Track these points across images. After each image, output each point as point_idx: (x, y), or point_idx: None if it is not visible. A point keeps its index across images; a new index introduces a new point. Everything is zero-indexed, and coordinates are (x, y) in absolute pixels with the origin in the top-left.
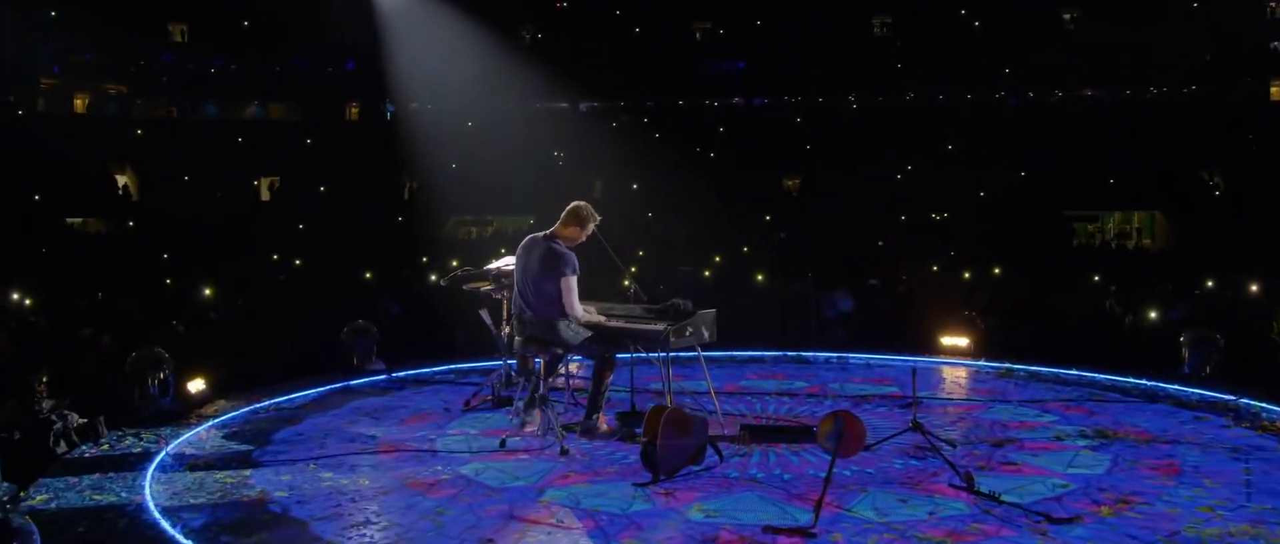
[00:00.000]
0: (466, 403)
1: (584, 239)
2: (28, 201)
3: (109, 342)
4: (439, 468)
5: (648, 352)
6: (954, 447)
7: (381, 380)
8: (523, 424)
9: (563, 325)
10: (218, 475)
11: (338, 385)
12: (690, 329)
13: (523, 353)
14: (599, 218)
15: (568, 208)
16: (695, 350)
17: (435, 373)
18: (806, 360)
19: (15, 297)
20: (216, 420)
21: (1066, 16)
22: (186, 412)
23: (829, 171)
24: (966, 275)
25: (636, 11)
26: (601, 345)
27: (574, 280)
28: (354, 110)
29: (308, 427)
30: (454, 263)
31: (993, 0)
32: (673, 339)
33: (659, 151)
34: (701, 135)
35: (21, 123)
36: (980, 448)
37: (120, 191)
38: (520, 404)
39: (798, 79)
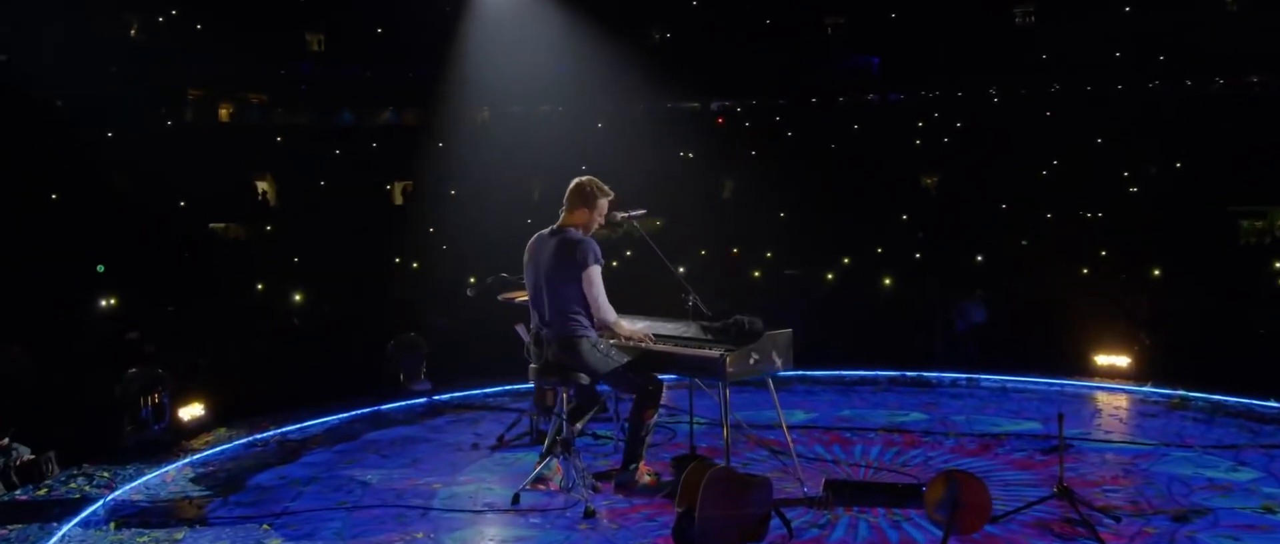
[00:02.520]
0: (500, 438)
1: (601, 223)
2: (174, 208)
3: (152, 351)
4: (420, 535)
5: (698, 380)
6: (1118, 521)
7: (421, 403)
8: (538, 479)
9: (587, 346)
10: (144, 538)
11: (367, 410)
12: (755, 355)
13: (540, 384)
14: (611, 193)
15: (569, 187)
16: (764, 380)
17: (487, 396)
18: (929, 383)
19: (104, 303)
20: (197, 456)
21: None
22: (174, 442)
23: (969, 168)
24: (1123, 276)
25: (767, 6)
26: (640, 374)
27: (598, 271)
28: (485, 113)
29: (298, 467)
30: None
31: None
32: (731, 367)
33: (791, 150)
34: (835, 133)
35: (171, 133)
36: (1156, 522)
37: (260, 197)
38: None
39: (935, 72)
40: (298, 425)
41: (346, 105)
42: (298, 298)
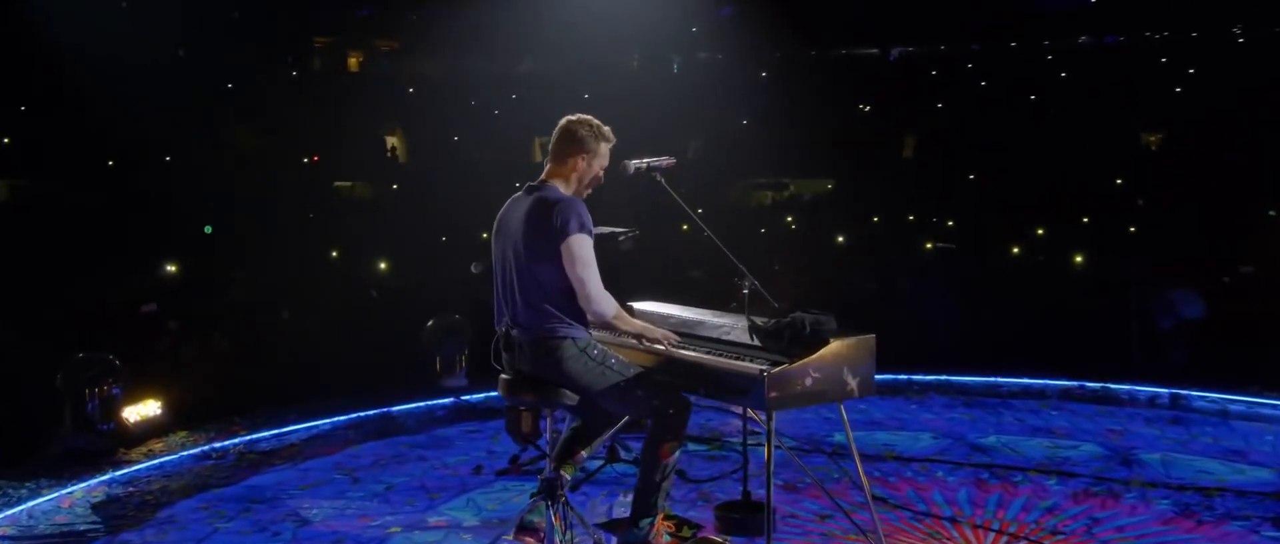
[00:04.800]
0: (513, 459)
1: (598, 174)
2: (299, 165)
3: (174, 327)
4: None
5: (734, 403)
6: None
7: (444, 405)
8: (523, 529)
9: (572, 351)
10: None
11: (373, 412)
12: (815, 372)
13: (511, 403)
14: (613, 137)
15: (556, 130)
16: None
17: None
18: (1116, 398)
19: (170, 268)
20: (123, 472)
21: None
22: (111, 450)
23: (1202, 122)
24: None
25: None
26: (654, 392)
27: (585, 243)
28: (635, 61)
29: (239, 490)
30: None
31: None
32: (774, 391)
33: (985, 103)
34: (1039, 82)
35: (298, 83)
36: None
37: (389, 153)
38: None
39: (1162, 9)
40: (274, 431)
41: (483, 54)
42: (382, 266)
